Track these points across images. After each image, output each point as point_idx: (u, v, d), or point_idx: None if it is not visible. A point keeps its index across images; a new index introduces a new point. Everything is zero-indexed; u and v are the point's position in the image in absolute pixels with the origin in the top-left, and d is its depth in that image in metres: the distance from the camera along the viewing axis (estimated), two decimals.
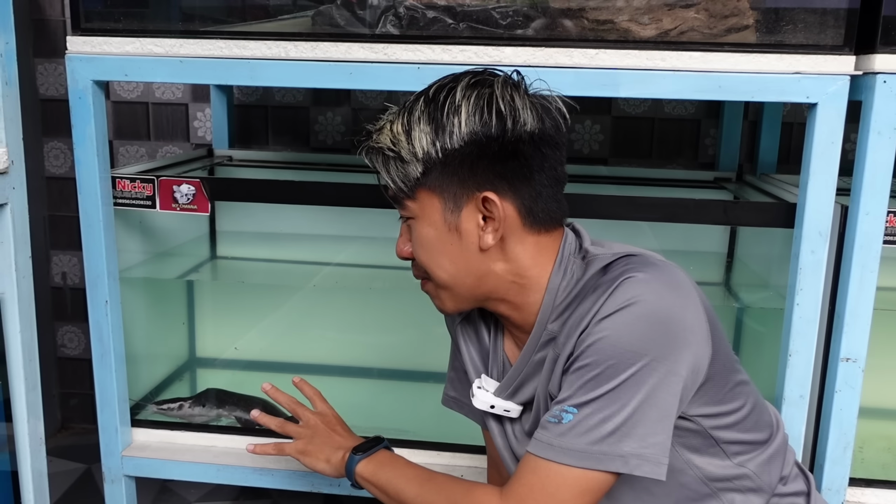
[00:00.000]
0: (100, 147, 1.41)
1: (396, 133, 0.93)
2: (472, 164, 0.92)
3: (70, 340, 2.31)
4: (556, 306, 0.96)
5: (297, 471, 1.51)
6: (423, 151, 0.91)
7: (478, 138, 0.90)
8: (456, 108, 0.90)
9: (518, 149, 0.91)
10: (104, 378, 1.49)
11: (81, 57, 1.37)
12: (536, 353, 0.99)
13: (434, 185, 0.93)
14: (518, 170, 0.92)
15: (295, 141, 2.15)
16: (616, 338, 0.86)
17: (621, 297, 0.87)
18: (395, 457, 1.06)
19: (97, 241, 1.43)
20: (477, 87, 0.92)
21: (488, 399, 1.06)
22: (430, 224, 0.95)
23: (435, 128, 0.91)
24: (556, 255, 0.97)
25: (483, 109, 0.90)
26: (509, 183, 0.92)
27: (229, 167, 1.96)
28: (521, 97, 0.92)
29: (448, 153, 0.91)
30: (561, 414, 0.87)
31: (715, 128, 2.02)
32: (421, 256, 0.98)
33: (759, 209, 1.41)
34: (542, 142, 0.92)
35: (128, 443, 1.56)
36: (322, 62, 1.33)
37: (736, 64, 1.26)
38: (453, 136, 0.90)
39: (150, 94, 2.14)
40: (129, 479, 1.55)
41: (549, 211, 0.96)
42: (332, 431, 1.15)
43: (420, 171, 0.93)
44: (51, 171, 2.21)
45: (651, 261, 0.92)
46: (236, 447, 1.58)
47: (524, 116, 0.91)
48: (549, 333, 0.97)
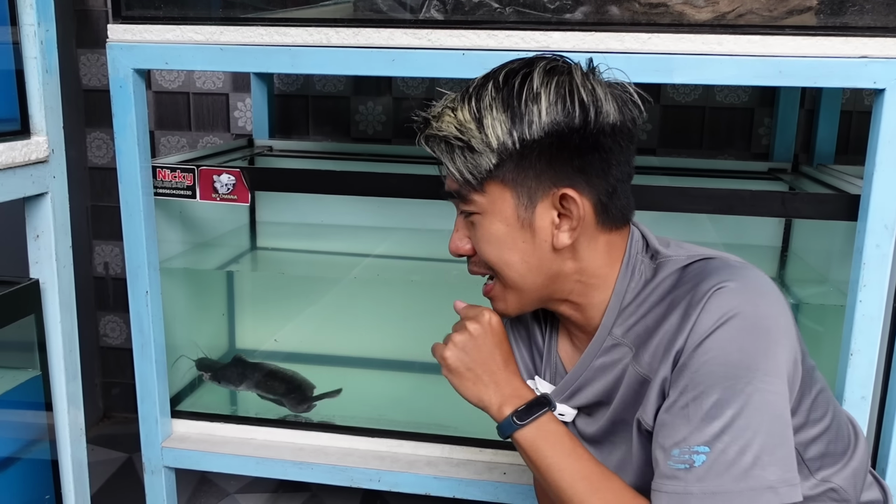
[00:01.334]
0: (140, 136, 1.39)
1: (464, 121, 0.85)
2: (550, 157, 0.85)
3: (112, 330, 2.32)
4: (622, 309, 0.90)
5: (337, 465, 1.49)
6: (498, 141, 0.84)
7: (559, 129, 0.83)
8: (535, 95, 0.83)
9: (599, 141, 0.85)
10: (145, 369, 1.49)
11: (122, 45, 1.36)
12: (598, 357, 0.93)
13: (507, 178, 0.86)
14: (597, 164, 0.86)
15: (335, 131, 2.12)
16: (724, 357, 0.79)
17: (717, 312, 0.80)
18: (561, 433, 0.90)
19: (138, 231, 1.42)
20: (555, 73, 0.85)
21: None
22: (501, 220, 0.88)
23: (511, 116, 0.84)
24: (623, 255, 0.91)
25: (566, 98, 0.83)
26: (587, 178, 0.86)
27: (269, 157, 1.95)
28: (602, 87, 0.86)
29: (526, 144, 0.84)
30: (691, 457, 0.78)
31: (769, 116, 1.95)
32: (488, 254, 0.91)
33: (819, 201, 1.34)
34: (622, 134, 0.86)
35: (168, 434, 1.55)
36: (364, 49, 1.29)
37: (797, 48, 1.20)
38: (533, 126, 0.83)
39: (191, 84, 2.13)
40: (168, 470, 1.54)
41: (622, 207, 0.90)
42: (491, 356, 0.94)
43: (493, 163, 0.85)
44: (93, 161, 2.22)
45: (731, 264, 0.86)
46: (276, 440, 1.56)
47: (607, 107, 0.85)
48: (613, 339, 0.91)
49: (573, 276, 0.90)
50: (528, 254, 0.88)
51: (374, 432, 1.55)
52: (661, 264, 0.90)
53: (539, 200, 0.86)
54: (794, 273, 1.71)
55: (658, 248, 0.92)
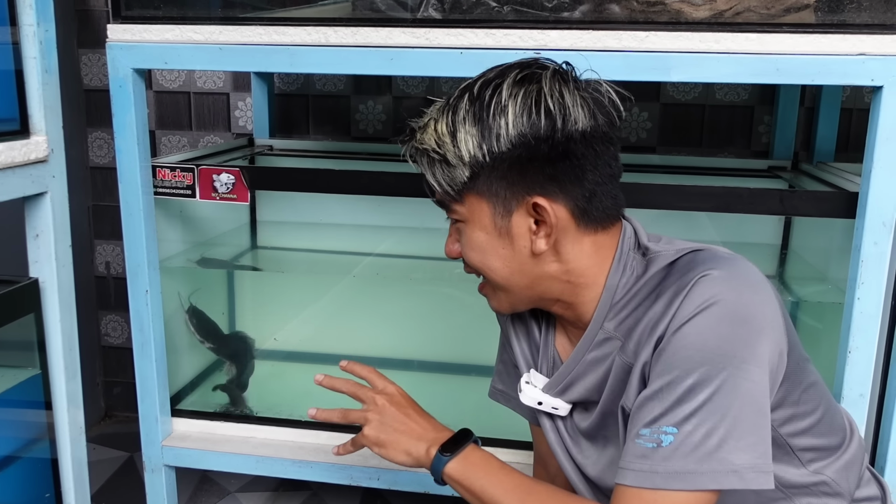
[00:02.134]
0: (140, 136, 1.40)
1: (441, 134, 0.88)
2: (520, 168, 0.86)
3: (113, 329, 2.33)
4: (613, 304, 0.92)
5: (336, 463, 1.49)
6: (469, 155, 0.86)
7: (526, 140, 0.85)
8: (502, 108, 0.85)
9: (569, 149, 0.86)
10: (145, 368, 1.49)
11: (122, 45, 1.36)
12: (590, 351, 0.94)
13: (482, 190, 0.88)
14: (569, 171, 0.87)
15: (336, 130, 2.13)
16: (702, 342, 0.80)
17: (699, 298, 0.81)
18: (487, 457, 0.95)
19: (137, 231, 1.43)
20: (524, 83, 0.86)
21: (536, 395, 1.02)
22: (481, 228, 0.91)
23: (481, 129, 0.86)
24: (614, 252, 0.92)
25: (531, 109, 0.85)
26: (560, 185, 0.87)
27: (270, 156, 1.95)
28: (571, 92, 0.86)
29: (495, 156, 0.86)
30: (659, 436, 0.80)
31: (769, 114, 1.95)
32: (472, 259, 0.94)
33: (817, 198, 1.35)
34: (595, 139, 0.87)
35: (168, 433, 1.56)
36: (362, 48, 1.30)
37: (795, 45, 1.20)
38: (500, 139, 0.85)
39: (191, 83, 2.14)
40: (169, 468, 1.55)
41: (605, 208, 0.90)
42: (404, 416, 0.99)
43: (467, 175, 0.88)
44: (94, 161, 2.22)
45: (719, 255, 0.87)
46: (276, 438, 1.57)
47: (574, 114, 0.85)
48: (605, 332, 0.93)
49: (560, 277, 0.92)
50: (509, 259, 0.91)
51: None
52: (651, 259, 0.91)
53: (514, 209, 0.88)
54: (793, 271, 1.71)
55: (648, 244, 0.93)
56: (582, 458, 1.00)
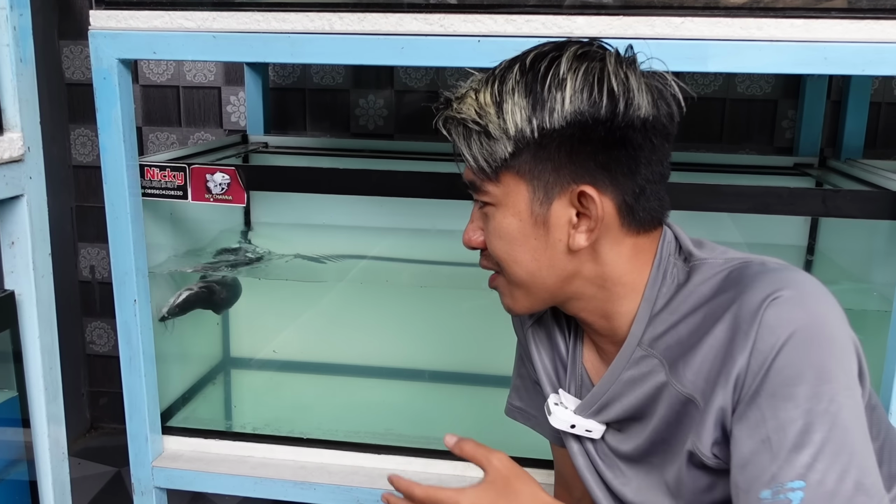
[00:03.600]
0: (126, 132, 1.28)
1: (484, 104, 0.79)
2: (571, 150, 0.78)
3: (99, 337, 2.21)
4: (653, 316, 0.83)
5: (342, 485, 1.38)
6: (515, 128, 0.78)
7: (583, 119, 0.76)
8: (560, 81, 0.76)
9: (627, 136, 0.77)
10: (133, 382, 1.38)
11: (105, 33, 1.25)
12: (627, 370, 0.85)
13: (523, 170, 0.80)
14: (624, 161, 0.78)
15: (334, 126, 2.02)
16: (798, 376, 0.71)
17: (778, 328, 0.72)
18: None
19: (124, 235, 1.32)
20: (585, 59, 0.78)
21: (568, 417, 0.92)
22: (514, 213, 0.81)
23: (532, 102, 0.77)
24: (653, 258, 0.84)
25: (593, 86, 0.76)
26: (611, 176, 0.79)
27: (265, 154, 1.84)
28: (637, 77, 0.78)
29: (545, 133, 0.77)
30: (786, 496, 0.69)
31: (793, 108, 1.85)
32: (497, 248, 0.84)
33: (863, 199, 1.25)
34: (655, 130, 0.79)
35: (159, 452, 1.45)
36: (370, 35, 1.19)
37: (844, 32, 1.10)
38: (554, 114, 0.77)
39: (180, 76, 2.02)
40: (160, 490, 1.44)
41: (651, 210, 0.82)
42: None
43: (509, 151, 0.79)
44: (78, 159, 2.10)
45: (773, 268, 0.78)
46: (275, 457, 1.46)
47: (639, 99, 0.77)
48: (643, 349, 0.84)
49: (593, 280, 0.84)
50: (540, 252, 0.82)
51: (381, 448, 1.45)
52: (694, 267, 0.83)
53: (556, 196, 0.80)
54: (823, 275, 1.61)
55: (692, 249, 0.85)
56: (619, 483, 0.91)
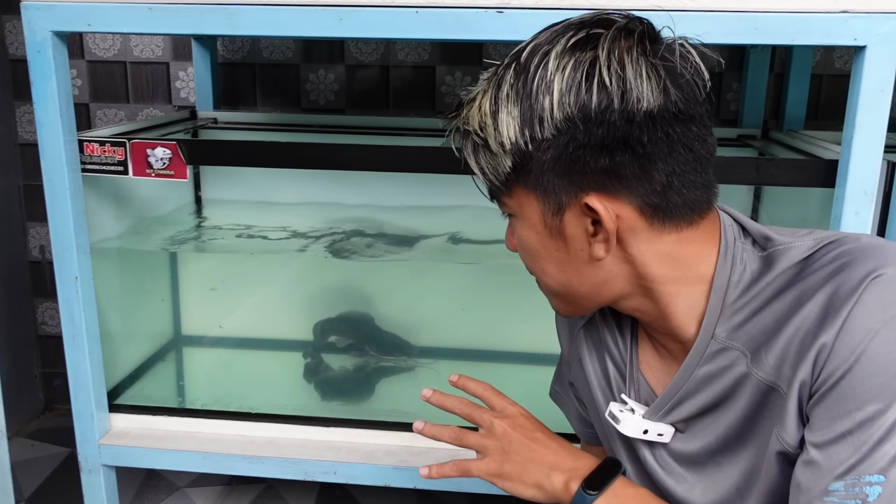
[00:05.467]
0: (63, 106, 1.27)
1: (484, 114, 0.72)
2: (570, 159, 0.70)
3: (51, 318, 2.18)
4: (726, 306, 0.75)
5: (290, 458, 1.39)
6: (510, 142, 0.71)
7: (573, 125, 0.68)
8: (548, 84, 0.68)
9: (630, 134, 0.68)
10: (77, 360, 1.37)
11: (39, 5, 1.23)
12: (702, 366, 0.77)
13: (529, 182, 0.73)
14: (632, 162, 0.69)
15: (285, 102, 2.00)
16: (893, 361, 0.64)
17: (878, 308, 0.65)
18: (643, 494, 0.79)
19: (64, 212, 1.30)
20: (577, 50, 0.69)
21: (640, 423, 0.83)
22: (530, 226, 0.76)
23: (522, 111, 0.70)
24: (712, 246, 0.75)
25: (580, 84, 0.68)
26: (621, 179, 0.70)
27: (214, 130, 1.82)
28: (635, 60, 0.68)
29: (539, 144, 0.70)
30: (862, 490, 0.64)
31: (738, 81, 1.88)
32: (524, 260, 0.80)
33: (795, 167, 1.27)
34: (666, 121, 0.68)
35: (105, 430, 1.44)
36: (308, 7, 1.18)
37: (775, 2, 1.12)
38: (544, 124, 0.69)
39: (127, 52, 1.99)
40: (108, 468, 1.43)
41: (689, 201, 0.72)
42: (531, 441, 0.83)
43: (509, 166, 0.73)
44: (24, 137, 2.06)
45: (871, 244, 0.71)
46: (224, 433, 1.46)
47: (637, 89, 0.67)
48: (718, 342, 0.75)
49: (635, 283, 0.76)
50: (564, 263, 0.76)
51: (329, 421, 1.46)
52: (776, 254, 0.74)
53: (567, 207, 0.72)
54: None
55: (768, 233, 0.76)
56: (683, 490, 0.83)
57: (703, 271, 0.75)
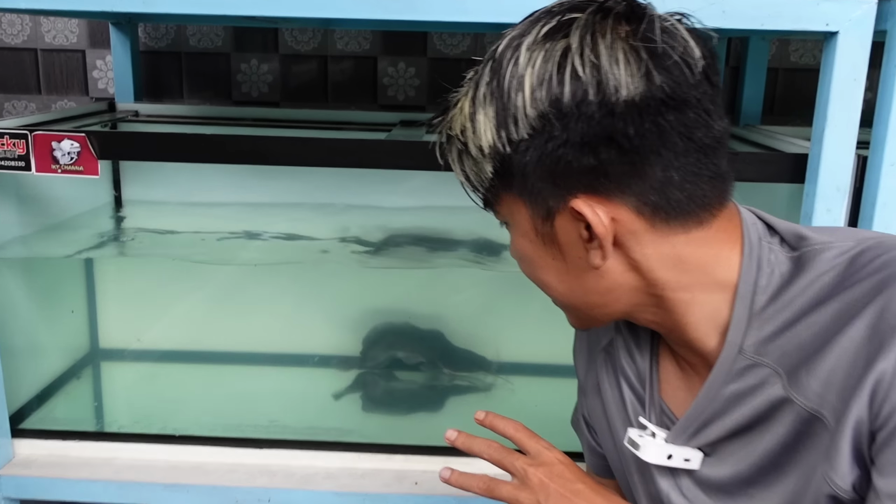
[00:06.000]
0: None
1: (465, 117, 0.67)
2: (551, 160, 0.63)
3: None
4: (753, 315, 0.67)
5: (218, 485, 1.26)
6: (489, 146, 0.66)
7: (549, 122, 0.62)
8: (519, 79, 0.63)
9: (613, 128, 0.61)
10: None
11: None
12: (730, 384, 0.69)
13: (514, 188, 0.67)
14: (619, 158, 0.62)
15: (216, 94, 1.86)
16: None
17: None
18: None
19: None
20: (548, 39, 0.62)
21: (664, 448, 0.75)
22: (523, 234, 0.70)
23: (497, 111, 0.64)
24: (732, 248, 0.68)
25: (552, 77, 0.61)
26: (611, 178, 0.63)
27: (134, 123, 1.67)
28: (611, 45, 0.61)
29: (517, 146, 0.64)
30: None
31: None
32: (524, 270, 0.74)
33: (764, 161, 1.20)
34: (652, 110, 0.61)
35: (8, 458, 1.29)
36: None
37: None
38: (518, 124, 0.63)
39: (38, 38, 1.82)
40: (10, 501, 1.28)
41: (696, 196, 0.64)
42: (571, 495, 0.74)
43: (491, 171, 0.67)
44: None
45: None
46: (145, 458, 1.32)
47: (615, 77, 0.60)
48: (746, 357, 0.68)
49: (643, 290, 0.69)
50: (563, 273, 0.70)
51: (263, 443, 1.33)
52: (810, 254, 0.66)
53: (557, 213, 0.66)
54: None
55: (802, 231, 0.69)
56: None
57: (721, 276, 0.67)
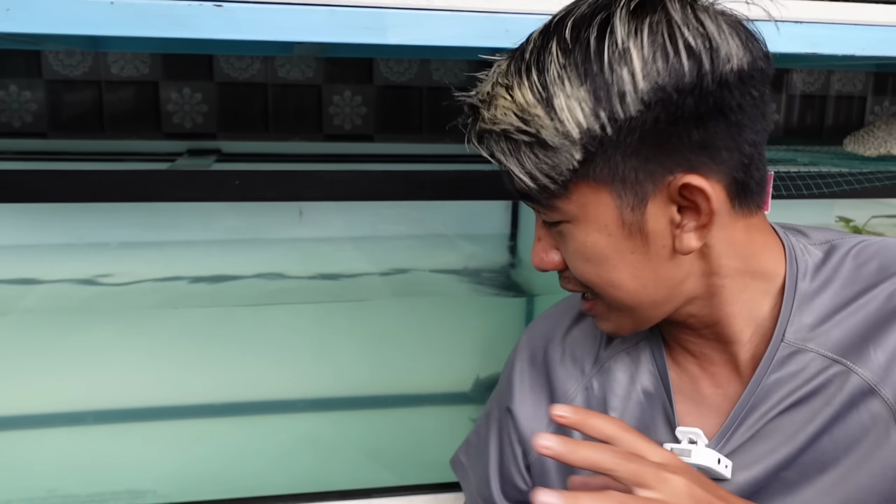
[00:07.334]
0: None
1: (526, 104, 0.63)
2: (659, 136, 0.63)
3: None
4: (796, 301, 0.71)
5: None
6: (580, 129, 0.63)
7: (665, 95, 0.61)
8: (622, 52, 0.61)
9: (723, 100, 0.63)
10: None
11: None
12: (770, 374, 0.72)
13: (602, 175, 0.64)
14: (725, 131, 0.64)
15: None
16: None
17: None
18: None
19: None
20: (644, 12, 0.62)
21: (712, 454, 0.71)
22: (599, 228, 0.67)
23: (594, 88, 0.62)
24: (773, 238, 0.73)
25: (665, 48, 0.61)
26: (712, 154, 0.64)
27: None
28: (713, 17, 0.63)
29: (621, 125, 0.62)
30: None
31: None
32: (586, 273, 0.70)
33: None
34: (753, 80, 0.64)
35: None
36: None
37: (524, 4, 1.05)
38: (626, 99, 0.61)
39: None
40: None
41: (761, 180, 0.69)
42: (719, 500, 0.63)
43: (578, 159, 0.64)
44: None
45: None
46: None
47: (726, 48, 0.62)
48: (789, 345, 0.71)
49: (705, 280, 0.71)
50: (641, 267, 0.68)
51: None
52: (834, 247, 0.74)
53: (651, 196, 0.65)
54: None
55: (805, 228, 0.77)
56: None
57: (765, 265, 0.71)
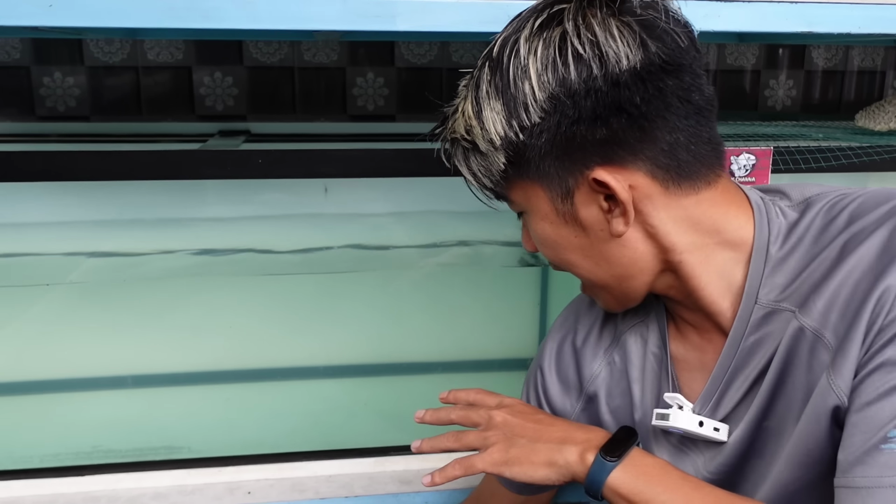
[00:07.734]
0: None
1: (468, 118, 0.74)
2: (565, 138, 0.70)
3: None
4: (768, 264, 0.74)
5: None
6: (500, 137, 0.72)
7: (559, 102, 0.69)
8: (524, 69, 0.70)
9: (620, 97, 0.69)
10: None
11: None
12: (749, 336, 0.75)
13: (529, 174, 0.74)
14: (630, 125, 0.69)
15: (20, 111, 1.76)
16: None
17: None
18: (664, 465, 0.74)
19: None
20: (544, 29, 0.70)
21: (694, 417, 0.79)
22: (542, 217, 0.76)
23: (505, 102, 0.71)
24: (739, 207, 0.75)
25: (555, 59, 0.68)
26: (624, 146, 0.70)
27: None
28: (603, 22, 0.68)
29: (530, 131, 0.71)
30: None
31: None
32: (548, 255, 0.79)
33: None
34: (654, 76, 0.69)
35: None
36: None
37: None
38: (529, 109, 0.70)
39: None
40: None
41: (701, 157, 0.72)
42: (534, 423, 0.80)
43: (504, 162, 0.74)
44: None
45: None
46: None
47: (615, 50, 0.68)
48: (763, 307, 0.74)
49: (662, 257, 0.75)
50: (587, 249, 0.76)
51: (85, 469, 1.27)
52: (814, 200, 0.75)
53: (575, 189, 0.73)
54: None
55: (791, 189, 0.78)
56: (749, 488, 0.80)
57: (733, 233, 0.74)
